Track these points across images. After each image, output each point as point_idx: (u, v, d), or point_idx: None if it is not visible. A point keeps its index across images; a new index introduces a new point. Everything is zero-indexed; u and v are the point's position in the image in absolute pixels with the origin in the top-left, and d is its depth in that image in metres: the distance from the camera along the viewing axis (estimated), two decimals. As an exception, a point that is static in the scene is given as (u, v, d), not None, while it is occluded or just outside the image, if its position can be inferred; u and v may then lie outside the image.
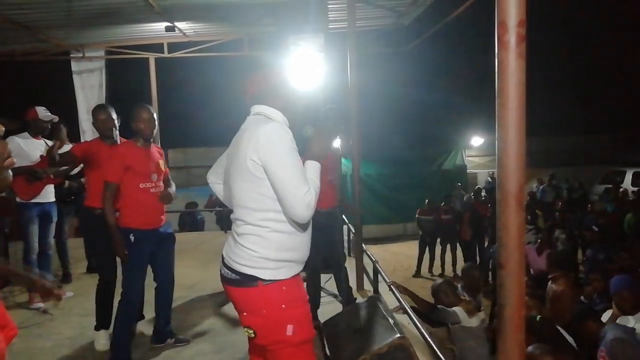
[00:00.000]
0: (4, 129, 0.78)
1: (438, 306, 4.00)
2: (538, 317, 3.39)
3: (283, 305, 1.92)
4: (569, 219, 9.59)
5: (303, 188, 1.85)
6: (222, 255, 2.06)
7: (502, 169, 1.39)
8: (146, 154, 3.31)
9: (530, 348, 2.80)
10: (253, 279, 1.91)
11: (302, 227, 1.97)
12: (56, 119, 4.57)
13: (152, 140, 3.36)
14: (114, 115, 3.65)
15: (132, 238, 3.19)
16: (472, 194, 12.26)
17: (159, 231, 3.33)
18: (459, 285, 4.54)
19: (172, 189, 3.49)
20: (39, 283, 1.71)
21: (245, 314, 1.98)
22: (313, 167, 2.01)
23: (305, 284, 2.37)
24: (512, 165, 1.37)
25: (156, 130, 3.38)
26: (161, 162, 3.43)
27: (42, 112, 4.46)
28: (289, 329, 1.92)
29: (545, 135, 17.89)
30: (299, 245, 1.99)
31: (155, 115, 3.35)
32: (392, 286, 3.88)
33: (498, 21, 1.34)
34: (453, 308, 4.00)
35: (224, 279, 2.03)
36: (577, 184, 14.40)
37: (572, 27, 19.31)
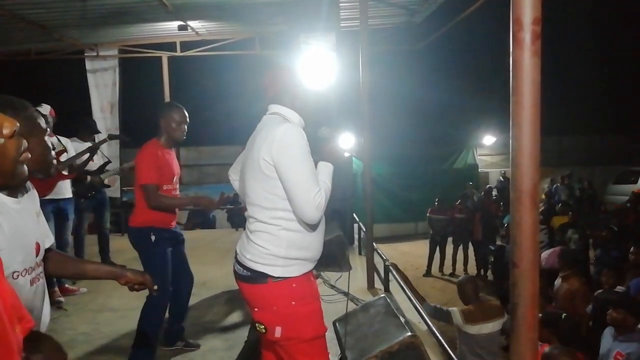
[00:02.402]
0: (18, 124, 0.80)
1: (432, 304, 3.97)
2: (563, 316, 3.36)
3: (293, 302, 1.95)
4: (581, 219, 9.50)
5: (313, 190, 1.87)
6: (236, 252, 2.09)
7: (516, 167, 1.38)
8: (171, 155, 3.29)
9: (548, 349, 2.79)
10: (263, 276, 1.94)
11: (313, 226, 1.99)
12: (45, 109, 4.44)
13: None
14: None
15: (152, 237, 3.15)
16: (482, 192, 12.20)
17: (173, 231, 3.32)
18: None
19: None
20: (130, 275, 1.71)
21: (256, 309, 2.01)
22: (325, 169, 2.04)
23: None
24: (527, 164, 1.36)
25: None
26: (177, 163, 3.41)
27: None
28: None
29: (560, 134, 17.70)
30: (310, 244, 2.01)
31: (187, 118, 3.27)
32: (391, 267, 3.87)
33: (513, 19, 1.33)
34: (449, 308, 3.97)
35: (237, 275, 2.06)
36: (586, 183, 14.24)
37: (590, 24, 19.03)
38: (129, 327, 3.69)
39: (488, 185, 13.76)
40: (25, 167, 0.82)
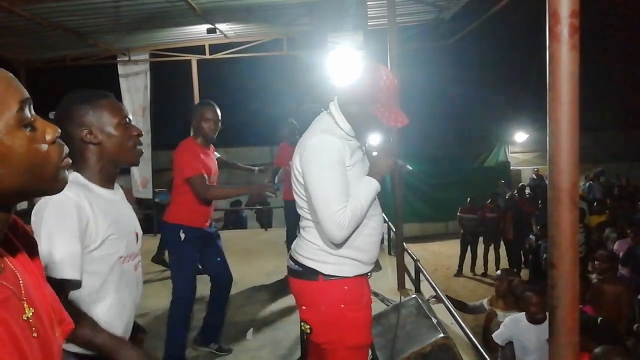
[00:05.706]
0: (60, 130, 0.82)
1: (470, 305, 4.65)
2: (599, 319, 3.24)
3: (342, 305, 1.88)
4: (620, 217, 9.17)
5: (335, 206, 1.77)
6: (291, 248, 2.09)
7: (553, 165, 1.33)
8: (207, 154, 3.28)
9: (598, 349, 2.70)
10: (314, 273, 1.90)
11: (369, 226, 1.93)
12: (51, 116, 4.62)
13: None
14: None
15: (182, 235, 3.15)
16: (515, 191, 11.92)
17: (205, 231, 3.29)
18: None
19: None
20: None
21: (303, 307, 1.97)
22: (366, 186, 1.88)
23: None
24: (565, 162, 1.31)
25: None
26: (215, 163, 3.41)
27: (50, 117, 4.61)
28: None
29: (594, 129, 17.11)
30: (363, 246, 1.92)
31: (220, 116, 3.26)
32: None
33: (549, 12, 1.28)
34: (480, 301, 4.60)
35: (289, 271, 2.02)
36: (624, 180, 13.74)
37: (627, 13, 18.29)
38: (160, 328, 3.76)
39: (521, 184, 13.45)
40: (67, 173, 0.84)
